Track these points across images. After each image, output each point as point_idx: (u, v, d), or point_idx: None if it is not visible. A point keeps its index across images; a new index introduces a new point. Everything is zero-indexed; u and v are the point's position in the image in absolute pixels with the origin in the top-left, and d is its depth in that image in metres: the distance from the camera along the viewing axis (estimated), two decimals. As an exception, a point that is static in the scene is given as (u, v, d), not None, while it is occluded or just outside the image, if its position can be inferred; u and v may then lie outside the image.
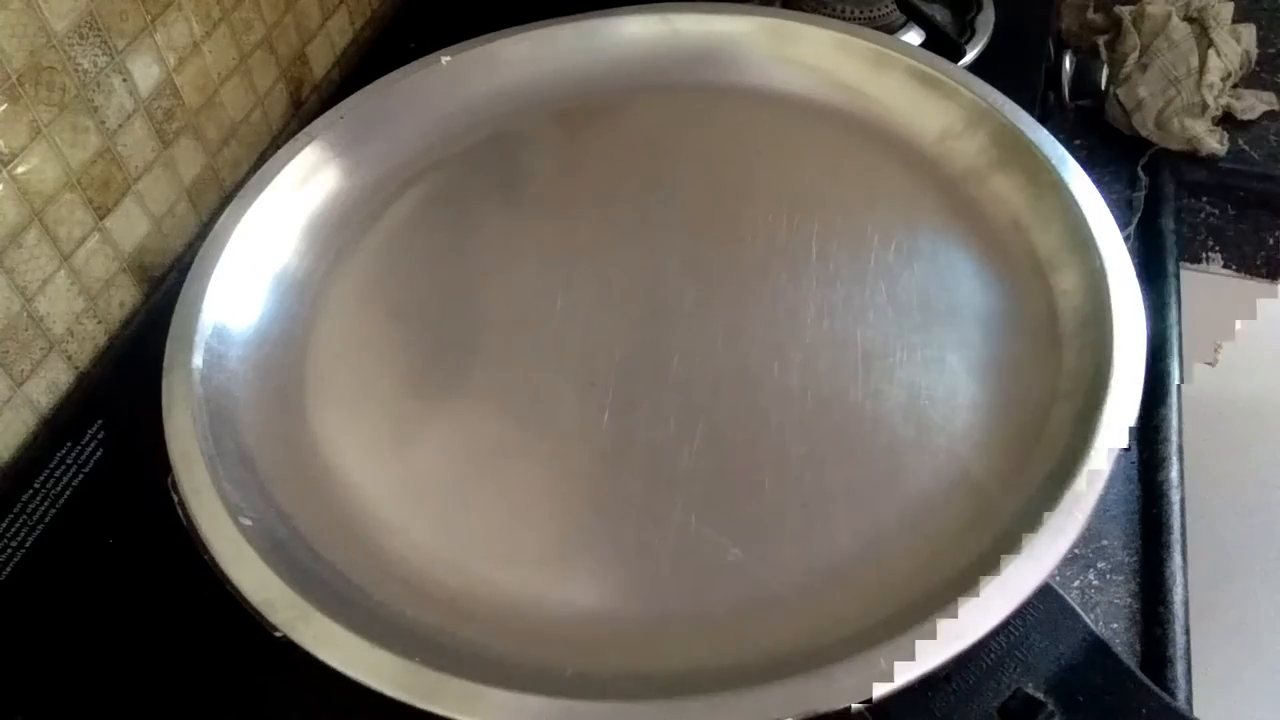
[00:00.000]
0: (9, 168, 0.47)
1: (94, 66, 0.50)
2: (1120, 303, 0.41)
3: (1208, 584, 0.50)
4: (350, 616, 0.35)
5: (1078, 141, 0.76)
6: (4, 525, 0.47)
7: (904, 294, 0.46)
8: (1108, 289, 0.42)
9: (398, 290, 0.49)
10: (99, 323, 0.54)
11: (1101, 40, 0.77)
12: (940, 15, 0.65)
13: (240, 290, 0.47)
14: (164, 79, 0.55)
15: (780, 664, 0.33)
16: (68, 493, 0.48)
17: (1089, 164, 0.47)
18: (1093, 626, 0.38)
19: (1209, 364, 0.64)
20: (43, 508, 0.48)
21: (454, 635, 0.37)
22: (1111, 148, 0.75)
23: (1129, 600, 0.47)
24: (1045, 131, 0.48)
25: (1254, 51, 0.77)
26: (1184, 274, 0.67)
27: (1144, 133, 0.74)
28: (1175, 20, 0.74)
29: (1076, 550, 0.48)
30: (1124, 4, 0.78)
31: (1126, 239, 0.54)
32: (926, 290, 0.46)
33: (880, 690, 0.32)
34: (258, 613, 0.35)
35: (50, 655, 0.44)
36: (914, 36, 0.63)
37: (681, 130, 0.55)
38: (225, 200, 0.57)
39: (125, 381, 0.52)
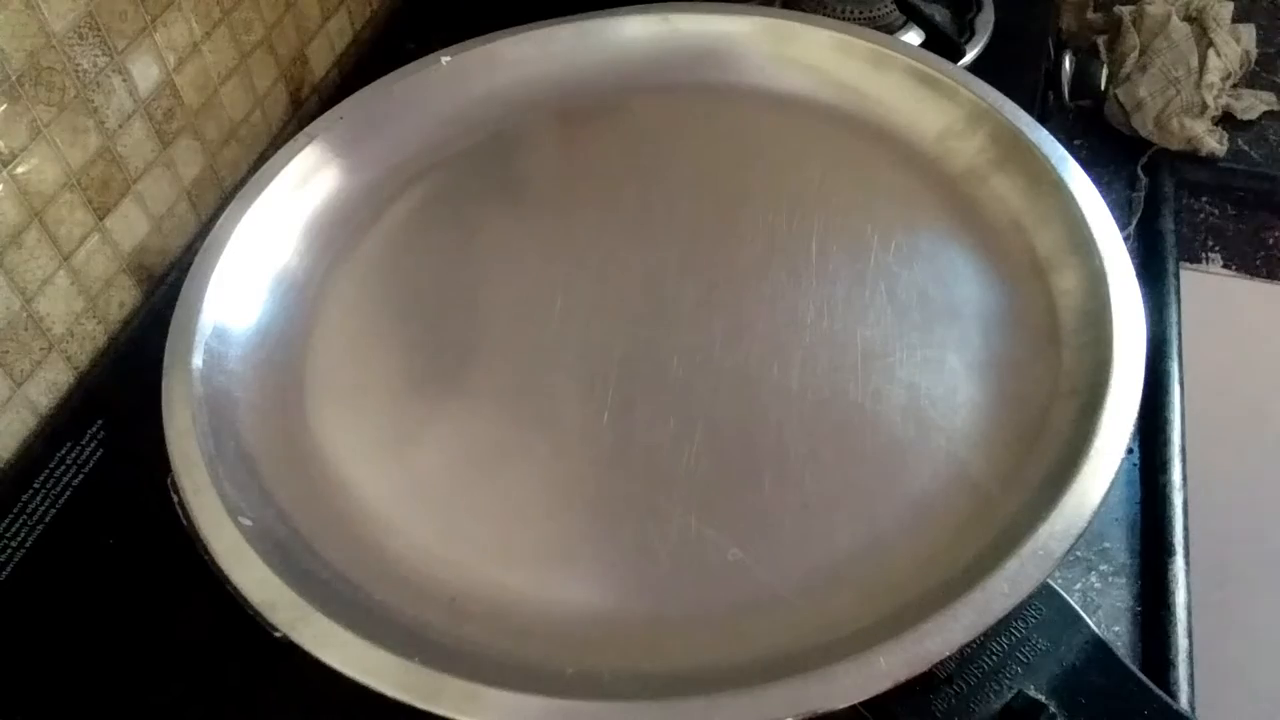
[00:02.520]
0: (9, 168, 0.47)
1: (94, 66, 0.50)
2: (1120, 303, 0.41)
3: (1210, 587, 0.50)
4: (350, 616, 0.35)
5: (1078, 141, 0.76)
6: (4, 525, 0.47)
7: (904, 294, 0.46)
8: (1108, 289, 0.42)
9: (398, 290, 0.49)
10: (99, 323, 0.54)
11: (1101, 40, 0.77)
12: (940, 15, 0.65)
13: (240, 290, 0.47)
14: (164, 79, 0.55)
15: (780, 664, 0.33)
16: (68, 493, 0.48)
17: (1089, 164, 0.48)
18: (1095, 628, 0.38)
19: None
20: (43, 508, 0.48)
21: (454, 635, 0.37)
22: (1111, 148, 0.75)
23: (1131, 602, 0.47)
24: (1045, 131, 0.48)
25: (1254, 51, 0.77)
26: (1184, 274, 0.67)
27: (1144, 133, 0.74)
28: (1175, 20, 0.74)
29: (1079, 553, 0.48)
30: (1124, 4, 0.78)
31: (1126, 239, 0.54)
32: (926, 290, 0.46)
33: (880, 690, 0.32)
34: (258, 613, 0.35)
35: (50, 655, 0.43)
36: (914, 36, 0.63)
37: (681, 130, 0.55)
38: (225, 200, 0.57)
39: (125, 381, 0.52)
